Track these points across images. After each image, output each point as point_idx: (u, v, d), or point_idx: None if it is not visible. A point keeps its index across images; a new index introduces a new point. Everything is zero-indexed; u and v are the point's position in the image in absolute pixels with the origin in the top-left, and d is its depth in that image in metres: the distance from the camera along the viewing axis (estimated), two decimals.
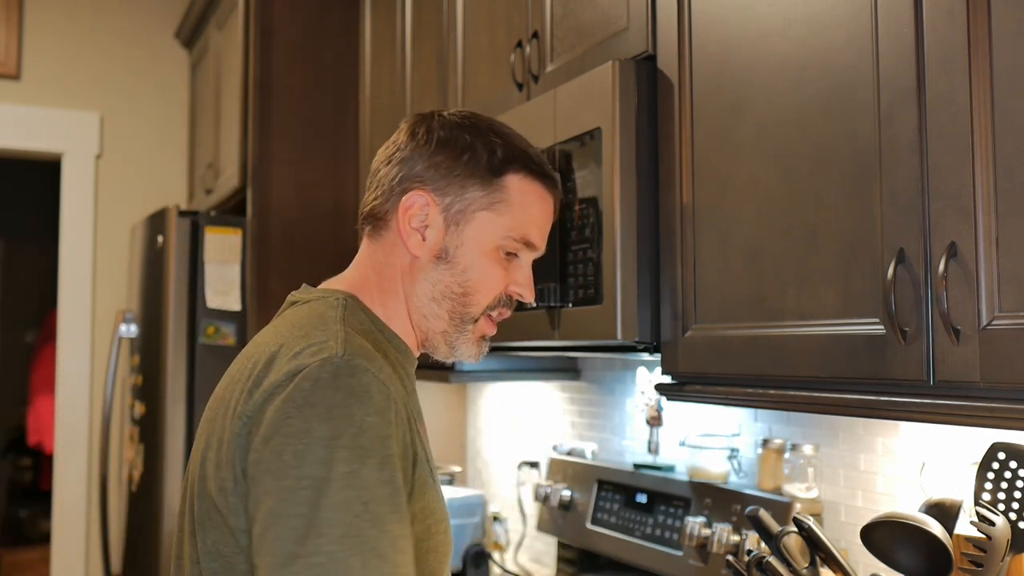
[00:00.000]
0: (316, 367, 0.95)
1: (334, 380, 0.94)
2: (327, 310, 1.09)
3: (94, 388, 3.67)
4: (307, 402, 0.93)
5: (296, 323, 1.07)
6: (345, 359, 0.96)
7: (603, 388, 2.38)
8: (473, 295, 1.14)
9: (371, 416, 0.93)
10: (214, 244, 2.82)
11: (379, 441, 0.93)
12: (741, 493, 1.79)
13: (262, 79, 2.85)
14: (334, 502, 0.89)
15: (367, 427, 0.93)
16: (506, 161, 1.14)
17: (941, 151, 1.04)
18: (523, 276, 1.18)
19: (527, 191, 1.15)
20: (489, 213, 1.13)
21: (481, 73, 2.10)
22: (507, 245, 1.15)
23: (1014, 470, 1.18)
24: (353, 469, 0.90)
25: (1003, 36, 0.99)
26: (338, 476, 0.90)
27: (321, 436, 0.91)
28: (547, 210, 1.18)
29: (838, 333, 1.17)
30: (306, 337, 1.01)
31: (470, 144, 1.13)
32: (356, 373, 0.95)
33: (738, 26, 1.36)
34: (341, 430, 0.92)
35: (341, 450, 0.91)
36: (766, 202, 1.30)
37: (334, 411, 0.93)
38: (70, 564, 3.62)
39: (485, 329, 1.17)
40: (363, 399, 0.94)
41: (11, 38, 3.67)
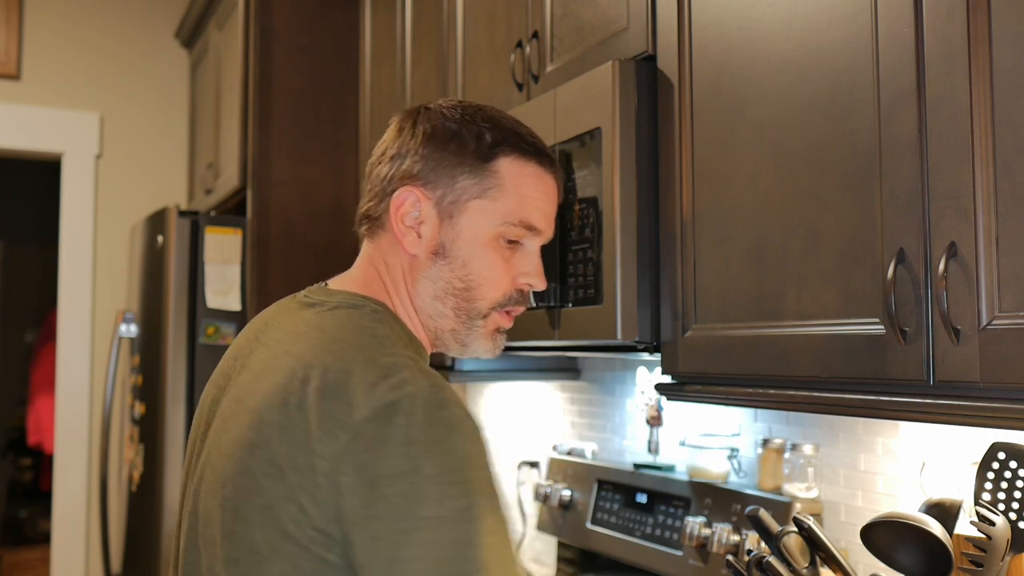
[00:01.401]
0: (407, 402, 0.91)
1: (429, 414, 0.91)
2: (372, 324, 1.04)
3: (94, 388, 3.68)
4: (407, 439, 0.90)
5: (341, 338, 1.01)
6: (432, 391, 0.93)
7: (603, 388, 2.38)
8: (476, 289, 1.09)
9: (471, 447, 0.92)
10: (214, 244, 2.82)
11: (482, 470, 0.92)
12: (741, 493, 1.79)
13: (262, 79, 2.85)
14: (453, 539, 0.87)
15: (470, 458, 0.92)
16: (495, 145, 1.09)
17: (941, 151, 1.04)
18: (530, 264, 1.12)
19: (521, 173, 1.10)
20: (482, 201, 1.08)
21: (481, 73, 2.10)
22: (507, 232, 1.09)
23: (1014, 470, 1.18)
24: (468, 503, 0.89)
25: (1003, 36, 0.99)
26: (453, 512, 0.88)
27: (431, 473, 0.89)
28: (546, 191, 1.13)
29: (838, 333, 1.17)
30: (373, 363, 0.95)
31: (456, 132, 1.09)
32: (446, 405, 0.93)
33: (738, 26, 1.36)
34: (448, 464, 0.90)
35: (451, 486, 0.89)
36: (766, 202, 1.30)
37: (437, 446, 0.90)
38: (70, 564, 3.62)
39: (499, 322, 1.12)
40: (461, 430, 0.92)
41: (11, 38, 3.67)
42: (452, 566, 0.86)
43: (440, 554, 0.87)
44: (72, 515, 3.65)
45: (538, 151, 1.12)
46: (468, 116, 1.11)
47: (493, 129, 1.10)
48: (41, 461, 5.90)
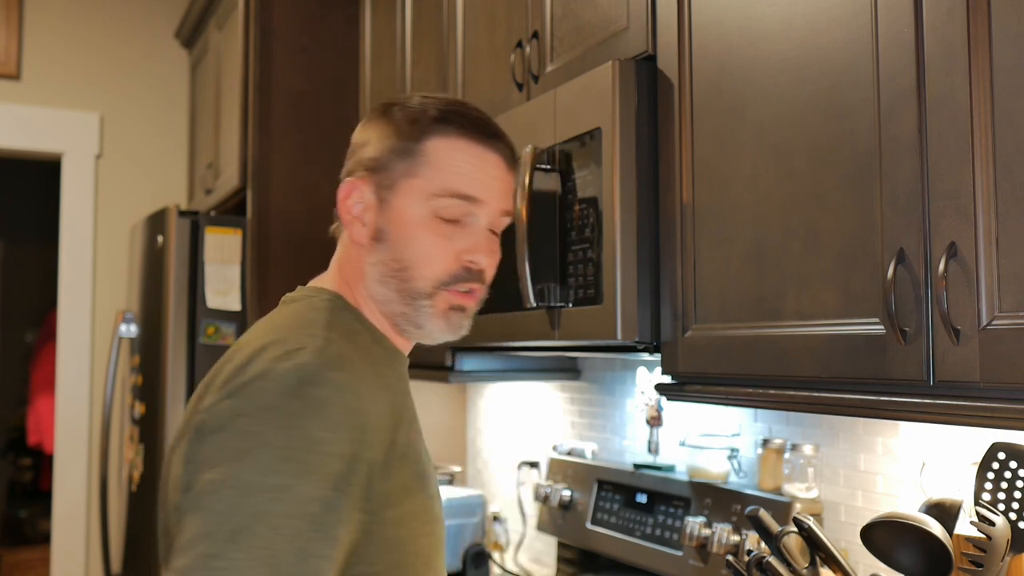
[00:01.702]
0: (284, 372, 0.94)
1: (298, 388, 0.93)
2: (312, 312, 1.07)
3: (94, 388, 3.68)
4: (266, 406, 0.92)
5: (280, 324, 1.05)
6: (315, 368, 0.95)
7: (603, 388, 2.38)
8: (412, 269, 1.08)
9: (325, 432, 0.92)
10: (214, 244, 2.82)
11: (325, 458, 0.91)
12: (741, 493, 1.79)
13: (262, 79, 2.85)
14: (254, 512, 0.87)
15: (317, 442, 0.91)
16: (428, 124, 1.09)
17: (941, 151, 1.04)
18: (472, 241, 1.10)
19: (451, 147, 1.09)
20: (412, 179, 1.08)
21: (481, 73, 2.10)
22: (439, 208, 1.08)
23: (1014, 470, 1.18)
24: (287, 483, 0.89)
25: (1003, 36, 0.99)
26: (269, 487, 0.88)
27: (269, 442, 0.90)
28: (481, 161, 1.10)
29: (838, 333, 1.17)
30: (286, 341, 0.99)
31: (391, 118, 1.11)
32: (322, 383, 0.94)
33: (738, 26, 1.36)
34: (290, 442, 0.90)
35: (283, 462, 0.89)
36: (766, 202, 1.30)
37: (289, 420, 0.91)
38: (70, 564, 3.62)
39: (450, 301, 1.10)
40: (319, 412, 0.92)
41: (11, 38, 3.67)
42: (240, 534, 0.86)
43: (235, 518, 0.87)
44: (72, 515, 3.65)
45: (471, 125, 1.10)
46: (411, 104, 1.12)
47: (425, 110, 1.10)
48: (41, 461, 5.89)
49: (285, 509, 0.88)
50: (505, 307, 1.78)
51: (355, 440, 0.94)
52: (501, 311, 1.80)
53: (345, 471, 0.92)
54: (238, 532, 0.86)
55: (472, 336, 1.97)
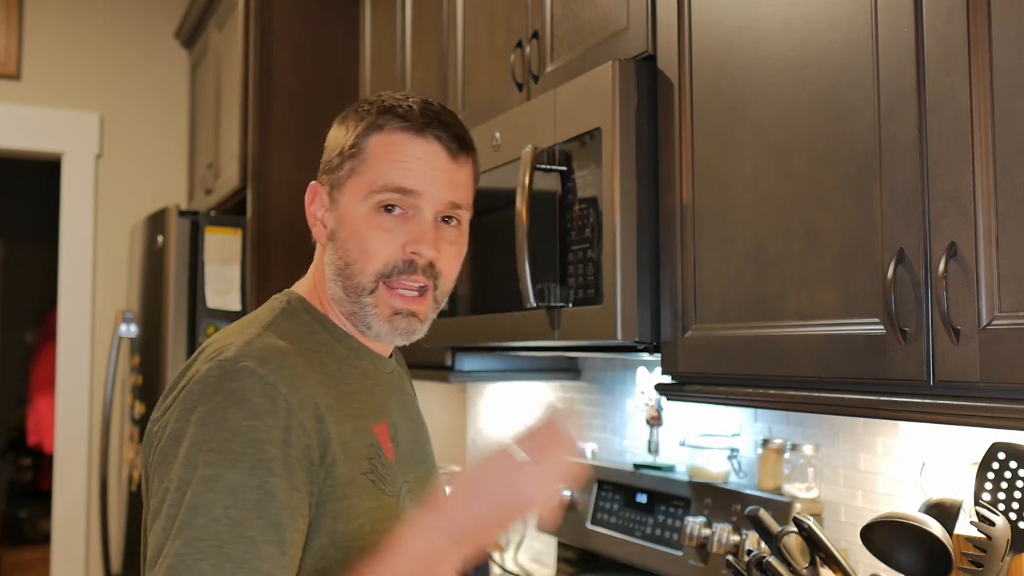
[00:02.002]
0: (206, 370, 0.98)
1: (218, 383, 0.96)
2: (263, 313, 1.11)
3: (94, 388, 3.67)
4: (190, 405, 0.96)
5: (231, 328, 1.09)
6: (233, 362, 0.98)
7: (603, 388, 2.38)
8: (354, 264, 1.09)
9: (247, 420, 0.94)
10: (214, 244, 2.82)
11: (252, 445, 0.93)
12: (741, 493, 1.79)
13: (262, 79, 2.85)
14: (193, 505, 0.91)
15: (240, 431, 0.94)
16: (371, 123, 1.11)
17: (941, 151, 1.04)
18: (415, 232, 1.09)
19: (387, 142, 1.10)
20: (353, 178, 1.11)
21: (481, 73, 2.10)
22: (378, 201, 1.09)
23: (1014, 470, 1.18)
24: (217, 473, 0.92)
25: (1003, 36, 0.99)
26: (200, 479, 0.91)
27: (194, 439, 0.94)
28: (417, 153, 1.09)
29: (838, 333, 1.17)
30: (222, 341, 1.04)
31: (344, 122, 1.14)
32: (240, 376, 0.97)
33: (738, 26, 1.36)
34: (212, 434, 0.93)
35: (208, 454, 0.92)
36: (766, 202, 1.30)
37: (209, 415, 0.94)
38: (70, 564, 3.62)
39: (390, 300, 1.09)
40: (240, 402, 0.95)
41: (11, 38, 3.67)
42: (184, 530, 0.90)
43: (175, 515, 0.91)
44: (72, 515, 3.65)
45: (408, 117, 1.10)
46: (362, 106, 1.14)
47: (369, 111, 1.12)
48: (41, 461, 5.89)
49: (221, 499, 0.91)
50: (505, 307, 1.78)
51: (282, 426, 0.96)
52: (501, 311, 1.80)
53: (279, 455, 0.95)
54: (182, 528, 0.90)
55: (472, 336, 1.98)
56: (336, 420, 1.03)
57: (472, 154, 1.16)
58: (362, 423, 1.07)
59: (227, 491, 0.91)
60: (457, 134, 1.13)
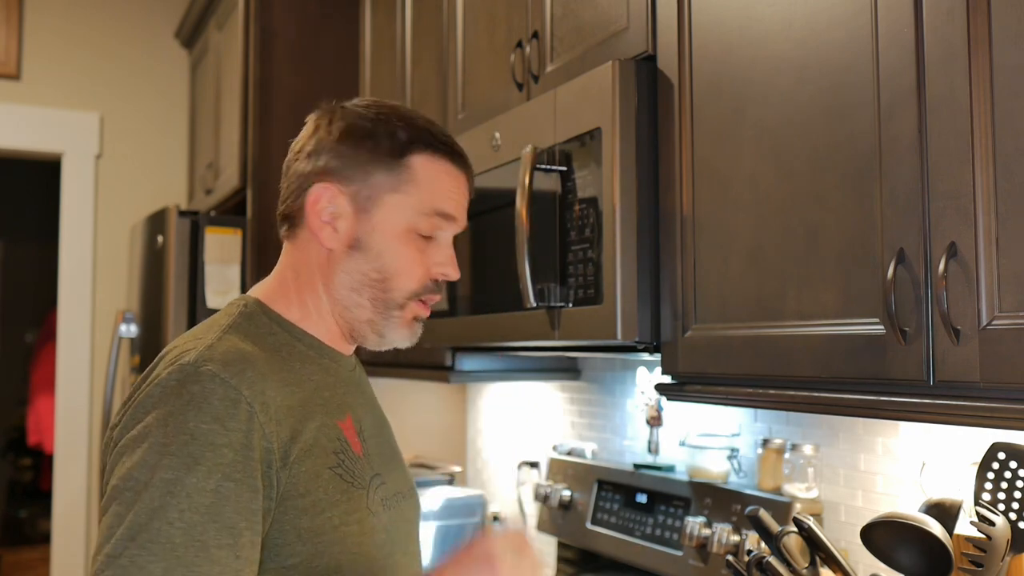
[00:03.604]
0: (167, 374, 0.99)
1: (179, 387, 0.97)
2: (221, 317, 1.12)
3: (94, 388, 3.67)
4: (149, 408, 0.97)
5: (192, 331, 1.11)
6: (194, 366, 0.99)
7: (603, 388, 2.38)
8: (391, 280, 1.13)
9: (206, 424, 0.95)
10: (214, 244, 2.82)
11: (211, 449, 0.94)
12: (741, 493, 1.79)
13: (262, 79, 2.85)
14: (149, 508, 0.91)
15: (199, 435, 0.95)
16: (409, 142, 1.13)
17: (941, 151, 1.04)
18: (443, 255, 1.16)
19: (434, 168, 1.14)
20: (397, 195, 1.12)
21: (481, 73, 2.10)
22: (420, 224, 1.13)
23: (1014, 470, 1.18)
24: (176, 476, 0.93)
25: (1003, 36, 0.99)
26: (158, 482, 0.92)
27: (153, 442, 0.94)
28: (458, 185, 1.17)
29: (838, 333, 1.17)
30: (183, 346, 1.04)
31: (371, 131, 1.13)
32: (201, 379, 0.97)
33: (738, 26, 1.36)
34: (172, 437, 0.94)
35: (168, 457, 0.93)
36: (766, 202, 1.30)
37: (170, 418, 0.95)
38: (70, 564, 3.62)
39: (416, 311, 1.16)
40: (200, 406, 0.96)
41: (11, 38, 3.67)
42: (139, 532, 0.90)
43: (133, 519, 0.91)
44: (72, 515, 3.65)
45: (450, 149, 1.16)
46: (383, 115, 1.15)
47: (407, 127, 1.14)
48: (41, 461, 5.90)
49: (177, 503, 0.92)
50: (505, 307, 1.78)
51: (243, 430, 0.97)
52: (501, 311, 1.80)
53: (237, 460, 0.96)
54: (136, 530, 0.91)
55: (472, 336, 1.98)
56: (299, 418, 1.04)
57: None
58: (327, 419, 1.09)
59: (183, 495, 0.92)
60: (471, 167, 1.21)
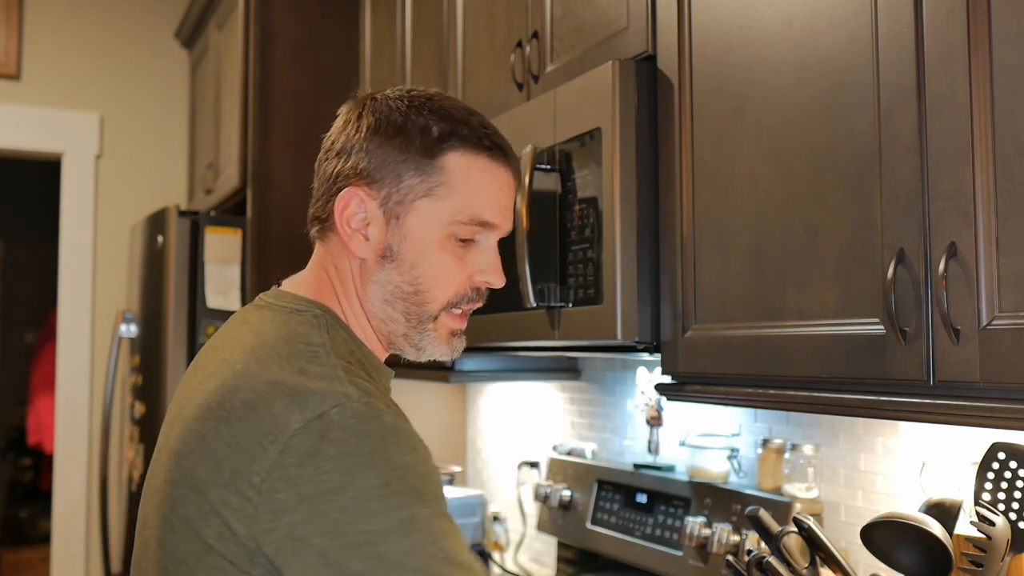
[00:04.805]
0: (338, 413, 0.89)
1: (363, 425, 0.89)
2: (309, 332, 1.00)
3: (94, 388, 3.67)
4: (341, 452, 0.87)
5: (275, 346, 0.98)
6: (363, 402, 0.91)
7: (603, 388, 2.38)
8: (426, 292, 1.04)
9: (409, 455, 0.90)
10: (214, 244, 2.82)
11: (423, 478, 0.89)
12: (741, 493, 1.79)
13: (262, 79, 2.85)
14: (401, 551, 0.85)
15: (409, 466, 0.89)
16: (442, 139, 1.02)
17: (941, 151, 1.04)
18: (486, 261, 1.06)
19: (470, 167, 1.03)
20: (429, 200, 1.02)
21: (481, 73, 2.10)
22: (458, 231, 1.03)
23: (1014, 470, 1.18)
24: (412, 513, 0.87)
25: (1003, 36, 0.99)
26: (397, 525, 0.86)
27: (368, 486, 0.86)
28: (500, 184, 1.06)
29: (838, 333, 1.17)
30: (303, 373, 0.93)
31: (402, 126, 1.03)
32: (378, 415, 0.90)
33: (738, 26, 1.36)
34: (387, 476, 0.87)
35: (392, 496, 0.86)
36: (766, 202, 1.30)
37: (374, 457, 0.88)
38: (70, 564, 3.62)
39: (452, 324, 1.07)
40: (394, 439, 0.90)
41: (11, 38, 3.67)
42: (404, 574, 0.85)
43: (387, 568, 0.84)
44: (72, 515, 3.65)
45: (489, 143, 1.05)
46: (415, 107, 1.04)
47: (440, 121, 1.03)
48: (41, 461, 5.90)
49: (425, 537, 0.86)
50: (505, 307, 1.78)
51: (427, 454, 0.93)
52: (501, 311, 1.80)
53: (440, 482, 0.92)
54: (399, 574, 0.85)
55: (472, 336, 1.98)
56: None
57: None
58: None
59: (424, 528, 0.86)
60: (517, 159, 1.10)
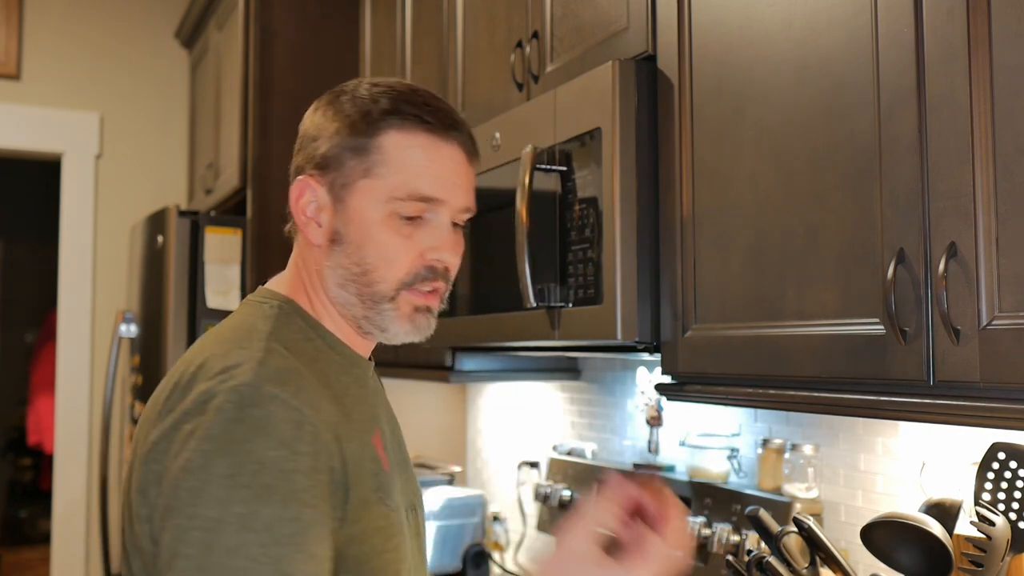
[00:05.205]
0: (223, 396, 0.91)
1: (238, 411, 0.90)
2: (258, 320, 1.03)
3: (94, 388, 3.68)
4: (208, 435, 0.89)
5: (224, 335, 1.02)
6: (254, 387, 0.91)
7: (603, 388, 2.38)
8: (374, 272, 1.04)
9: (274, 451, 0.88)
10: (214, 244, 2.82)
11: (283, 477, 0.88)
12: (741, 493, 1.79)
13: (262, 79, 2.85)
14: (228, 547, 0.84)
15: (268, 463, 0.88)
16: (380, 118, 1.03)
17: (941, 151, 1.04)
18: (436, 238, 1.05)
19: (408, 144, 1.03)
20: (369, 180, 1.03)
21: (481, 73, 2.10)
22: (399, 209, 1.03)
23: (1014, 470, 1.18)
24: (251, 510, 0.86)
25: (1003, 36, 0.99)
26: (233, 518, 0.85)
27: (219, 473, 0.87)
28: (441, 158, 1.04)
29: (838, 333, 1.17)
30: (226, 356, 0.96)
31: (345, 111, 1.05)
32: (263, 402, 0.90)
33: (738, 26, 1.36)
34: (240, 467, 0.87)
35: (238, 489, 0.86)
36: (766, 202, 1.30)
37: (234, 446, 0.88)
38: (70, 564, 3.62)
39: (414, 301, 1.06)
40: (267, 431, 0.89)
41: (11, 38, 3.67)
42: (219, 572, 0.84)
43: (210, 558, 0.84)
44: (72, 515, 3.65)
45: (431, 118, 1.04)
46: (359, 96, 1.05)
47: (380, 102, 1.04)
48: (41, 461, 5.90)
49: (257, 537, 0.85)
50: (505, 307, 1.78)
51: (310, 452, 0.91)
52: (501, 311, 1.80)
53: (309, 485, 0.90)
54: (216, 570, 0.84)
55: (472, 336, 1.98)
56: (346, 438, 0.98)
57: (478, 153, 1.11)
58: (364, 437, 1.03)
59: (262, 528, 0.85)
60: (471, 135, 1.09)
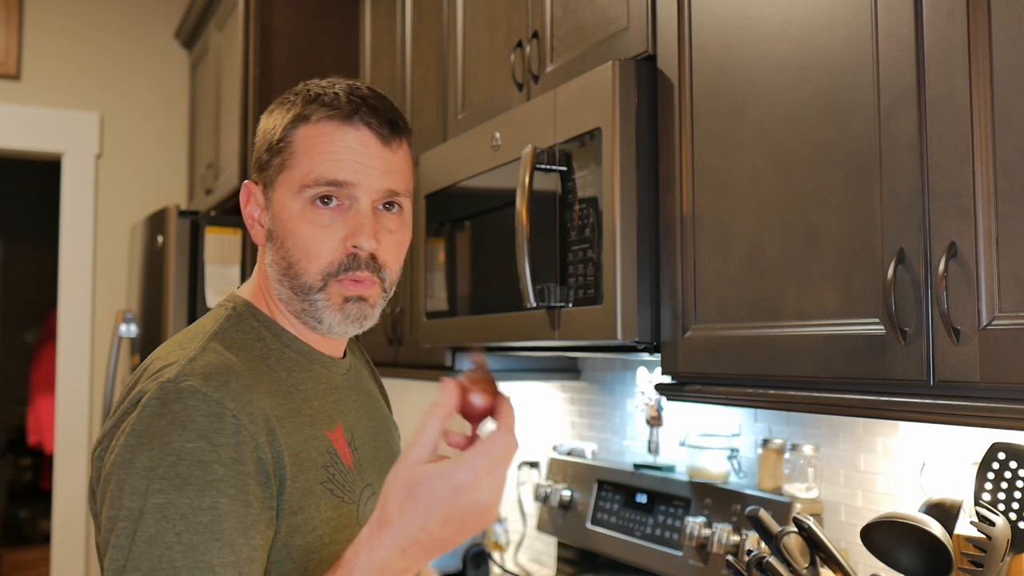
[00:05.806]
0: (150, 393, 0.95)
1: (161, 407, 0.93)
2: (208, 322, 1.08)
3: (94, 388, 3.68)
4: (134, 430, 0.93)
5: (177, 338, 1.06)
6: (175, 383, 0.95)
7: (603, 388, 2.38)
8: (297, 264, 1.06)
9: (192, 443, 0.91)
10: (214, 244, 2.82)
11: (200, 467, 0.91)
12: (741, 493, 1.79)
13: (262, 79, 2.85)
14: (147, 536, 0.88)
15: (186, 454, 0.91)
16: (295, 118, 1.07)
17: (941, 151, 1.04)
18: (353, 224, 1.05)
19: (314, 133, 1.06)
20: (284, 174, 1.07)
21: (481, 73, 2.10)
22: (308, 195, 1.05)
23: (1014, 470, 1.18)
24: (168, 500, 0.89)
25: (1003, 36, 0.99)
26: (151, 508, 0.89)
27: (141, 466, 0.91)
28: (348, 142, 1.05)
29: (838, 333, 1.17)
30: (166, 357, 1.01)
31: (272, 117, 1.10)
32: (183, 397, 0.94)
33: (738, 26, 1.36)
34: (159, 460, 0.91)
35: (156, 480, 0.90)
36: (766, 202, 1.30)
37: (155, 440, 0.92)
38: (70, 564, 3.62)
39: (344, 291, 1.06)
40: (185, 424, 0.92)
41: (11, 38, 3.67)
42: (140, 561, 0.87)
43: (134, 549, 0.88)
44: (72, 515, 3.65)
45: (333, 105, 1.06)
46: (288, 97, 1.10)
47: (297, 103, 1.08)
48: (41, 461, 5.90)
49: (173, 526, 0.88)
50: (505, 307, 1.78)
51: (231, 444, 0.93)
52: (501, 311, 1.80)
53: (229, 475, 0.92)
54: (139, 559, 0.87)
55: (472, 336, 1.98)
56: (288, 431, 1.00)
57: (406, 136, 1.11)
58: (315, 431, 1.05)
59: (178, 517, 0.89)
60: (389, 118, 1.09)
